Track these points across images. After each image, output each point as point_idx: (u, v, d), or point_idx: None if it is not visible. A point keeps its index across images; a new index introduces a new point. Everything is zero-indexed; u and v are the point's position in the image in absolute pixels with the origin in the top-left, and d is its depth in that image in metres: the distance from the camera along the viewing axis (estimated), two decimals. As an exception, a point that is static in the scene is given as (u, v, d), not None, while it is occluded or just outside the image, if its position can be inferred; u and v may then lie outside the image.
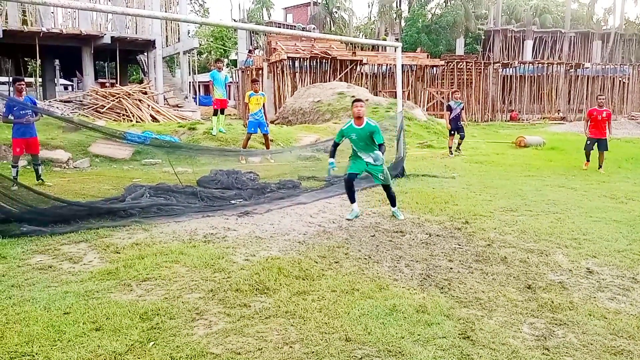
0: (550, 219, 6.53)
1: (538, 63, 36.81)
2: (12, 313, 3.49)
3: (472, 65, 33.62)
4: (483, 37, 45.96)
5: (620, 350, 3.16)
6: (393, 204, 6.69)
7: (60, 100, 20.40)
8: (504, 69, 35.50)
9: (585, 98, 35.56)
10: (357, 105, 6.55)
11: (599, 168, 10.94)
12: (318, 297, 3.87)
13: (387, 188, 6.70)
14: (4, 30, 19.67)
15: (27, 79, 28.22)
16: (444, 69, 32.89)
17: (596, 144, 11.07)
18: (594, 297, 4.02)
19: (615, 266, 4.76)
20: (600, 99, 11.87)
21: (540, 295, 4.02)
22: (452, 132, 13.71)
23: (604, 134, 11.04)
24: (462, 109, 13.79)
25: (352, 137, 6.55)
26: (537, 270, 4.61)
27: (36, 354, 2.96)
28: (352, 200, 6.66)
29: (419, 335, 3.28)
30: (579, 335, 3.36)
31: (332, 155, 6.80)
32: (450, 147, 13.70)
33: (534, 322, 3.56)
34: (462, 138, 13.89)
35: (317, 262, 4.71)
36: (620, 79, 36.66)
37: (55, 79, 31.64)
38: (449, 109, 13.80)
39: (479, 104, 33.71)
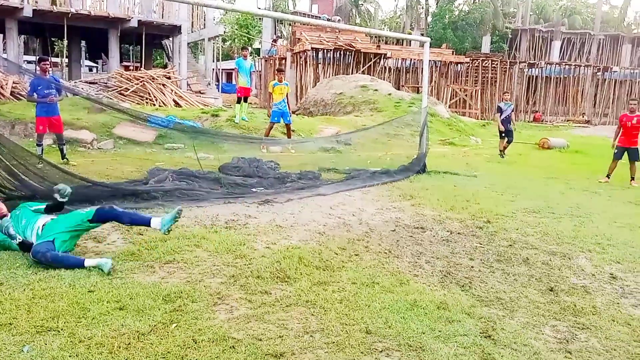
0: (574, 223, 6.44)
1: (565, 64, 36.19)
2: (38, 288, 3.55)
3: (497, 64, 33.17)
4: (510, 36, 45.27)
5: (644, 358, 3.11)
6: None
7: (85, 82, 20.62)
8: (530, 69, 35.00)
9: (611, 102, 34.94)
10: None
11: (631, 181, 9.98)
12: (338, 288, 3.88)
13: None
14: (33, 10, 19.89)
15: (53, 59, 28.57)
16: (469, 66, 32.51)
17: (626, 153, 10.10)
18: (618, 303, 3.96)
19: (640, 273, 4.68)
20: (631, 103, 10.65)
21: (563, 299, 3.98)
22: (503, 135, 13.15)
23: (635, 142, 10.08)
24: (513, 110, 13.30)
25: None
26: (559, 273, 4.56)
27: (61, 329, 3.02)
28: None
29: (439, 331, 3.26)
30: (602, 340, 3.32)
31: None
32: (501, 150, 13.19)
33: (556, 325, 3.52)
34: (509, 142, 13.21)
35: (337, 254, 4.71)
36: (649, 84, 35.89)
37: (81, 60, 31.96)
38: (499, 110, 13.31)
39: (502, 103, 33.27)
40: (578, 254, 5.15)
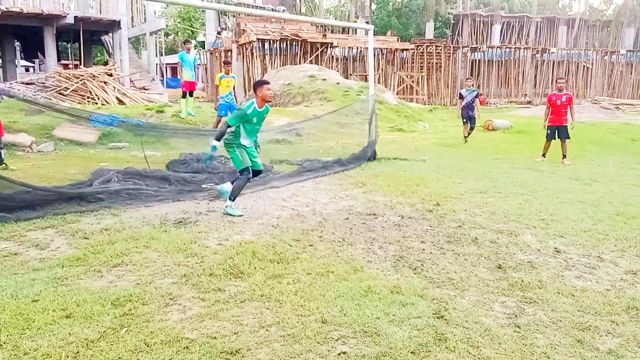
0: (519, 201, 6.66)
1: (505, 47, 37.33)
2: (-23, 302, 3.37)
3: (441, 49, 33.88)
4: (452, 22, 46.25)
5: (587, 326, 3.26)
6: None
7: (22, 82, 19.68)
8: (473, 53, 35.91)
9: (550, 82, 36.27)
10: (270, 88, 5.96)
11: (563, 158, 10.16)
12: (293, 280, 3.87)
13: (259, 172, 6.24)
14: (-41, 9, 18.82)
15: (-16, 60, 27.11)
16: (414, 52, 33.04)
17: (557, 132, 10.24)
18: (562, 276, 4.13)
19: (582, 245, 4.89)
20: (559, 82, 10.81)
21: (511, 275, 4.11)
22: (465, 121, 13.04)
23: (565, 120, 10.27)
24: (477, 96, 13.02)
25: (253, 121, 5.81)
26: (507, 251, 4.71)
27: (4, 342, 2.87)
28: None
29: (394, 315, 3.31)
30: (549, 313, 3.45)
31: (219, 138, 5.74)
32: (465, 136, 13.15)
33: (505, 301, 3.63)
34: (471, 129, 13.06)
35: (291, 246, 4.70)
36: (584, 63, 37.49)
37: (16, 61, 30.48)
38: (461, 97, 13.21)
39: (447, 87, 34.07)
40: (524, 231, 5.34)
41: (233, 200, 5.82)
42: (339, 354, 2.86)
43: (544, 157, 10.45)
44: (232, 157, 5.91)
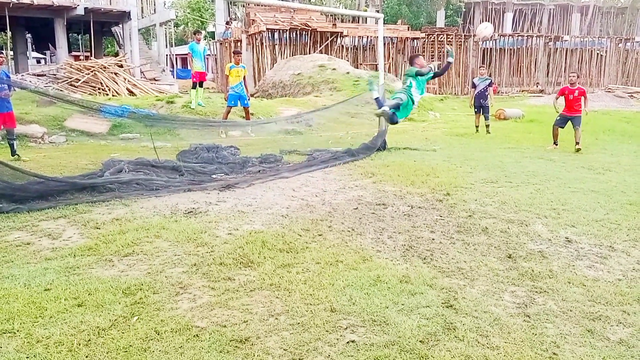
0: (530, 190, 6.61)
1: (518, 36, 36.82)
2: (-10, 290, 3.42)
3: (452, 38, 33.51)
4: (463, 10, 45.70)
5: (598, 316, 3.24)
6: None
7: (33, 74, 19.80)
8: (484, 42, 35.46)
9: (563, 71, 35.79)
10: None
11: (576, 145, 10.00)
12: (302, 270, 3.88)
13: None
14: (-29, 1, 18.94)
15: (-3, 52, 27.19)
16: (425, 41, 32.72)
17: (569, 121, 10.27)
18: (573, 266, 4.10)
19: (593, 235, 4.85)
20: (571, 76, 10.80)
21: (521, 265, 4.09)
22: (476, 110, 12.84)
23: (578, 111, 10.25)
24: (490, 85, 12.81)
25: (419, 79, 7.65)
26: (517, 240, 4.68)
27: (17, 330, 2.92)
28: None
29: (403, 304, 3.31)
30: (559, 303, 3.43)
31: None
32: (477, 126, 12.89)
33: (515, 291, 3.62)
34: (486, 119, 12.79)
35: (300, 235, 4.71)
36: (598, 51, 36.91)
37: (27, 52, 30.73)
38: (473, 85, 13.04)
39: (459, 76, 33.74)
40: (535, 220, 5.30)
41: (383, 105, 7.44)
42: (347, 342, 2.87)
43: (556, 144, 10.35)
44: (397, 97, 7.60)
